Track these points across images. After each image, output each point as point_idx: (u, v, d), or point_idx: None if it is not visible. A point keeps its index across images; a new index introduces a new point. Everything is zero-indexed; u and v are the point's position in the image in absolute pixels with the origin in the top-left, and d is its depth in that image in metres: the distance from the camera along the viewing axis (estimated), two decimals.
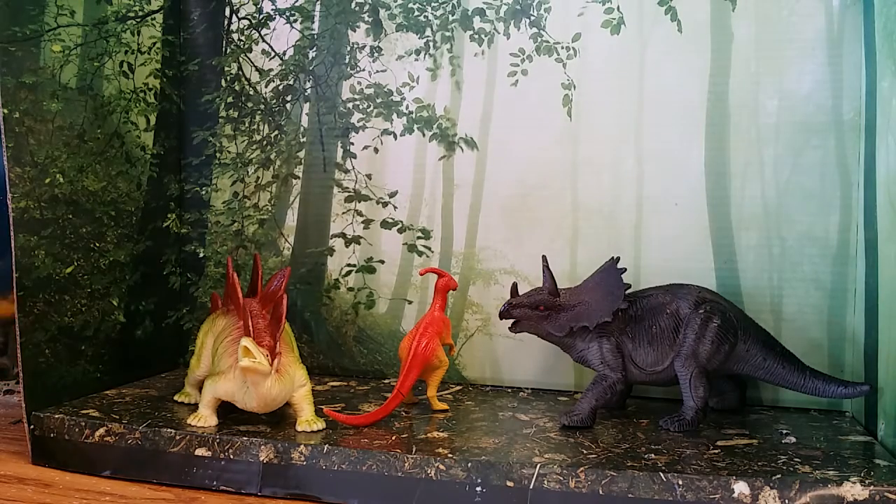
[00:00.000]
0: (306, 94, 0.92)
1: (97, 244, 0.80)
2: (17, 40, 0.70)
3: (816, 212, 0.77)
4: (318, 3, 0.92)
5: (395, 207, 0.90)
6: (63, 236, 0.75)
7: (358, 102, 0.91)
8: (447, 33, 0.88)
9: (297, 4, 0.93)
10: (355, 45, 0.91)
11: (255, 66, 0.94)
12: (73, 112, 0.77)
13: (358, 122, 0.91)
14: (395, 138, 0.90)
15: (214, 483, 0.62)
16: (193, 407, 0.72)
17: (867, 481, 0.51)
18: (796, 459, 0.58)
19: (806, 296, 0.77)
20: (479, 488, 0.56)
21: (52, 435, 0.68)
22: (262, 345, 0.61)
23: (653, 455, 0.59)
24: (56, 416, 0.68)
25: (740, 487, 0.52)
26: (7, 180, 0.68)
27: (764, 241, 0.78)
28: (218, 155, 0.95)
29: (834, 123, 0.76)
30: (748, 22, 0.79)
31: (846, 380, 0.69)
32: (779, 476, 0.53)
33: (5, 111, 0.68)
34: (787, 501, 0.51)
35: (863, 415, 0.71)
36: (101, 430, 0.66)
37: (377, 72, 0.90)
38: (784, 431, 0.67)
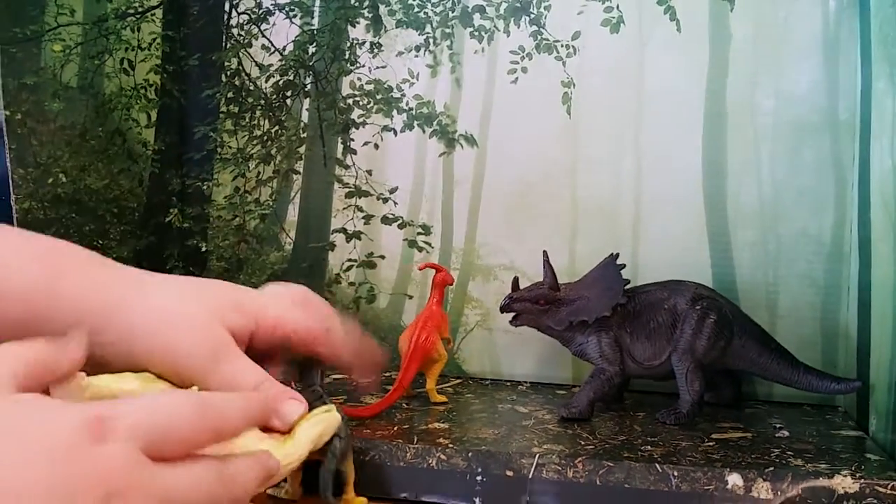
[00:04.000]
0: (306, 89, 0.93)
1: (100, 242, 0.81)
2: (19, 41, 0.70)
3: (811, 210, 0.78)
4: None
5: (396, 203, 0.91)
6: (67, 235, 0.76)
7: (358, 98, 0.92)
8: (447, 30, 0.89)
9: (296, 0, 0.93)
10: (355, 41, 0.92)
11: (256, 62, 0.95)
12: (74, 111, 0.77)
13: (358, 117, 0.92)
14: (396, 134, 0.91)
15: None
16: None
17: (858, 475, 0.52)
18: (789, 453, 0.59)
19: (800, 293, 0.78)
20: (479, 477, 0.57)
21: None
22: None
23: (649, 447, 0.60)
24: None
25: (734, 479, 0.54)
26: (10, 182, 0.69)
27: (760, 238, 0.80)
28: (219, 150, 0.95)
29: (829, 123, 0.77)
30: (746, 22, 0.79)
31: (839, 376, 0.71)
32: (772, 468, 0.54)
33: (7, 113, 0.68)
34: (779, 493, 0.53)
35: (855, 410, 0.72)
36: None
37: (377, 68, 0.91)
38: (777, 425, 0.68)
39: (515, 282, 0.74)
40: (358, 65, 0.92)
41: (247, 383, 0.44)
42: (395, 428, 0.65)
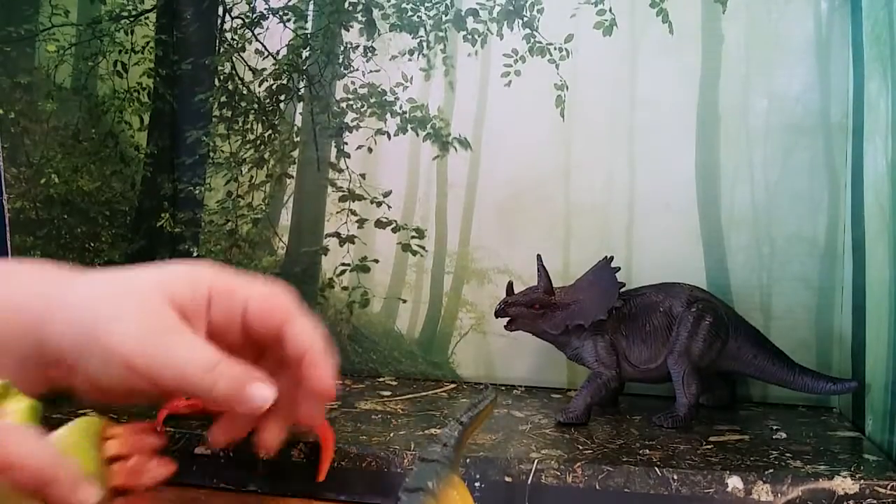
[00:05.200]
0: (300, 93, 0.93)
1: (92, 244, 0.80)
2: (13, 40, 0.70)
3: (805, 212, 0.78)
4: (312, 2, 0.92)
5: (389, 207, 0.91)
6: (58, 236, 0.75)
7: (352, 102, 0.91)
8: (440, 33, 0.89)
9: (290, 4, 0.93)
10: (349, 45, 0.91)
11: (249, 66, 0.94)
12: (67, 112, 0.77)
13: (352, 121, 0.91)
14: (389, 138, 0.90)
15: (214, 481, 0.62)
16: None
17: (857, 475, 0.52)
18: (787, 454, 0.59)
19: (795, 294, 0.79)
20: (477, 483, 0.57)
21: None
22: None
23: (647, 451, 0.60)
24: (53, 417, 0.68)
25: (734, 482, 0.53)
26: (3, 181, 0.69)
27: (753, 241, 0.80)
28: (211, 154, 0.95)
29: (822, 125, 0.78)
30: (738, 24, 0.80)
31: (834, 377, 0.71)
32: (771, 471, 0.54)
33: (0, 111, 0.68)
34: (779, 495, 0.52)
35: (850, 410, 0.72)
36: None
37: (371, 71, 0.91)
38: (774, 427, 0.68)
39: (510, 286, 0.74)
40: (351, 68, 0.91)
41: (197, 366, 0.40)
42: (392, 434, 0.64)
